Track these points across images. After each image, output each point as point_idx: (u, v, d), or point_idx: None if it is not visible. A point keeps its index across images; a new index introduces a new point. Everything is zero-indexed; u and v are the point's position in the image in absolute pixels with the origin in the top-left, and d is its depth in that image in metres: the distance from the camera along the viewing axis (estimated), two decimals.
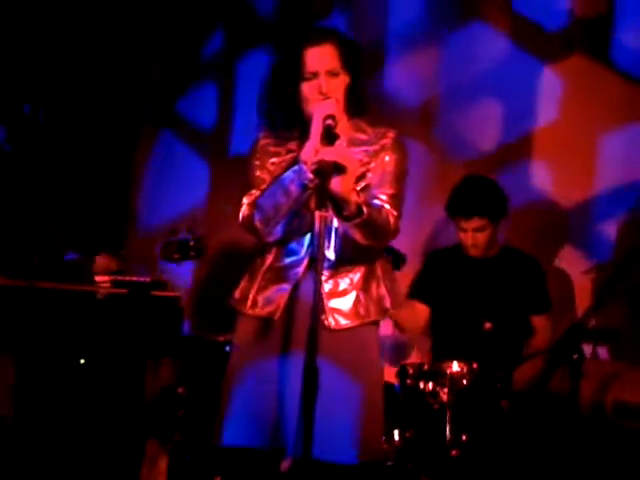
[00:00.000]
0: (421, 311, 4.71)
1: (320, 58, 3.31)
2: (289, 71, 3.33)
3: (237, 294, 3.44)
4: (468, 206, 4.53)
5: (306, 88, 3.31)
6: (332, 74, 3.31)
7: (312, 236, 3.28)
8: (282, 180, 3.25)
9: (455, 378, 4.14)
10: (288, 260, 3.36)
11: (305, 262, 3.33)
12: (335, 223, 3.30)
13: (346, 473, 3.27)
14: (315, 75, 3.30)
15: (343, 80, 3.34)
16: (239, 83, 5.80)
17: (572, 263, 4.90)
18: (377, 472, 3.49)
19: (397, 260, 4.20)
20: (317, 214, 3.14)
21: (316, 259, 3.06)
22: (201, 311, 5.53)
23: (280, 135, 3.41)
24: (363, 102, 3.42)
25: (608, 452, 4.06)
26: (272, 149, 3.41)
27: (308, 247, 3.32)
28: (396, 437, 4.14)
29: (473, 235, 4.56)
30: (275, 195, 3.25)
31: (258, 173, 3.39)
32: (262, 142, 3.43)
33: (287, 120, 3.38)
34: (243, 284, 3.45)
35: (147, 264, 4.63)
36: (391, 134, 3.39)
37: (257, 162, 3.41)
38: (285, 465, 3.31)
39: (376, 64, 5.32)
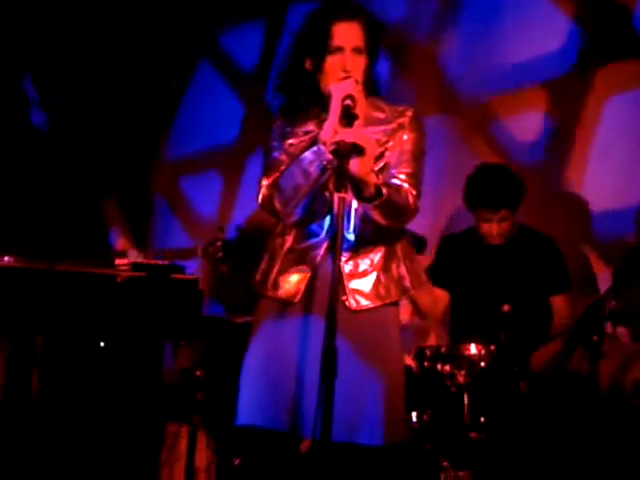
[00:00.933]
0: (441, 297, 4.71)
1: (348, 33, 3.30)
2: (313, 44, 3.32)
3: (258, 276, 3.45)
4: (494, 199, 4.54)
5: (330, 62, 3.30)
6: (357, 51, 3.31)
7: (332, 218, 3.28)
8: (301, 161, 3.24)
9: (473, 360, 4.15)
10: (308, 242, 3.36)
11: (325, 244, 3.33)
12: (354, 204, 3.30)
13: (369, 455, 3.29)
14: (340, 50, 3.30)
15: (365, 60, 3.33)
16: (287, 29, 5.72)
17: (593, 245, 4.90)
18: (400, 454, 3.50)
19: (417, 244, 4.20)
20: (336, 196, 3.13)
21: (337, 245, 3.05)
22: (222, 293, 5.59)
23: (296, 116, 3.40)
24: (380, 82, 3.43)
25: (628, 433, 4.05)
26: (289, 130, 3.40)
27: (328, 229, 3.32)
28: (414, 419, 4.16)
29: (498, 226, 4.57)
30: (294, 176, 3.24)
31: (276, 155, 3.38)
32: (278, 123, 3.42)
33: (304, 98, 3.37)
34: (263, 266, 3.45)
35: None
36: (409, 112, 3.38)
37: (275, 143, 3.40)
38: (305, 446, 3.33)
39: None
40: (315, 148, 3.21)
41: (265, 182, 3.36)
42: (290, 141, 3.38)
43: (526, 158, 5.05)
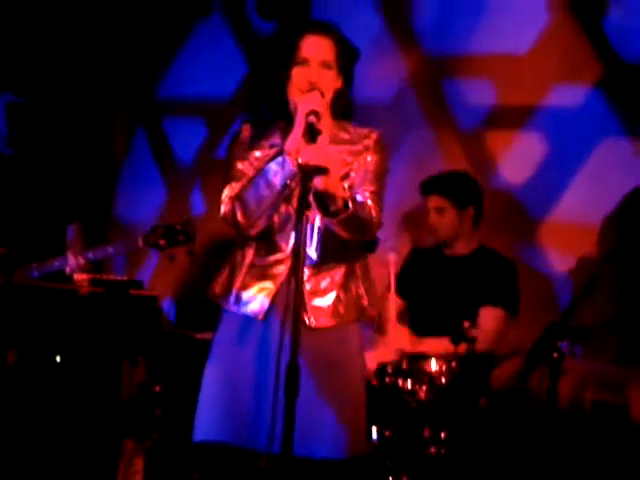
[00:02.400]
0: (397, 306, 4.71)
1: (316, 47, 3.33)
2: (282, 55, 3.34)
3: (217, 289, 3.44)
4: (429, 183, 4.63)
5: (296, 73, 3.32)
6: (325, 66, 3.32)
7: (295, 235, 3.27)
8: (265, 172, 3.23)
9: (434, 376, 4.15)
10: (271, 258, 3.37)
11: (288, 261, 3.32)
12: (317, 222, 3.31)
13: (329, 468, 3.30)
14: (307, 62, 3.32)
15: (334, 76, 3.35)
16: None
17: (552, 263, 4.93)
18: (360, 467, 3.50)
19: (370, 243, 4.20)
20: (299, 213, 3.11)
21: (298, 258, 3.02)
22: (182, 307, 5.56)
23: (263, 127, 3.41)
24: (350, 106, 3.44)
25: (586, 451, 4.08)
26: (256, 141, 3.40)
27: (291, 246, 3.31)
28: (375, 434, 4.15)
29: (433, 216, 4.61)
30: (258, 187, 3.24)
31: (239, 165, 3.38)
32: (244, 134, 3.42)
33: (273, 109, 3.37)
34: (224, 278, 3.45)
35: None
36: (374, 135, 3.42)
37: (238, 153, 3.39)
38: (263, 462, 3.31)
39: None
40: (280, 159, 3.21)
41: (227, 193, 3.33)
42: (256, 154, 3.38)
43: None
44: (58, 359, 4.29)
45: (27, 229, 4.33)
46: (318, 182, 3.07)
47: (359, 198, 3.30)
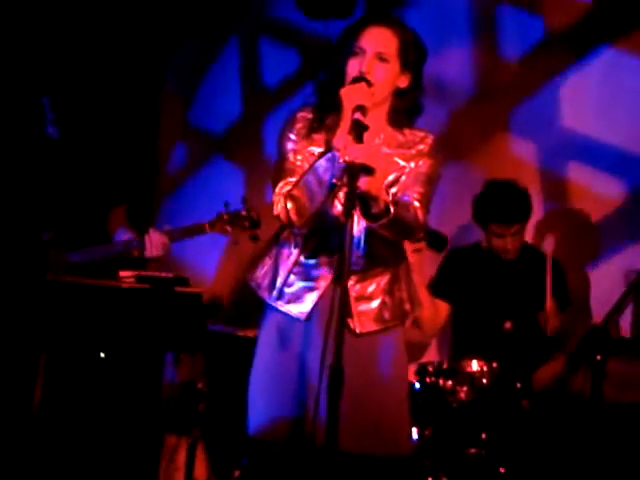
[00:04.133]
0: (441, 309, 4.73)
1: (374, 37, 3.27)
2: (346, 47, 3.29)
3: (260, 279, 3.44)
4: (507, 214, 4.59)
5: (350, 64, 3.27)
6: (381, 58, 3.26)
7: (342, 238, 3.21)
8: (316, 169, 3.19)
9: (475, 377, 4.16)
10: (318, 259, 3.36)
11: (334, 264, 3.32)
12: (364, 225, 3.28)
13: (374, 466, 3.32)
14: (362, 52, 3.26)
15: (392, 71, 3.28)
16: None
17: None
18: (404, 467, 3.51)
19: (439, 242, 4.22)
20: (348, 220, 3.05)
21: (344, 262, 3.00)
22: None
23: (321, 119, 3.33)
24: (416, 110, 3.38)
25: (628, 453, 4.07)
26: (310, 134, 3.34)
27: (338, 249, 3.25)
28: (415, 435, 4.16)
29: (512, 240, 4.59)
30: (310, 185, 3.20)
31: (292, 159, 3.33)
32: (300, 124, 3.36)
33: (332, 101, 3.26)
34: (267, 269, 3.44)
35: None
36: (429, 140, 3.36)
37: (291, 145, 3.35)
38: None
39: None
40: (329, 155, 3.17)
41: (280, 191, 3.29)
42: (311, 149, 3.31)
43: None
44: (102, 355, 4.33)
45: (73, 213, 4.37)
46: (362, 183, 3.03)
47: (405, 199, 3.27)
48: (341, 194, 3.25)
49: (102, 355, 4.33)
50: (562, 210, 5.14)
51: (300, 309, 3.35)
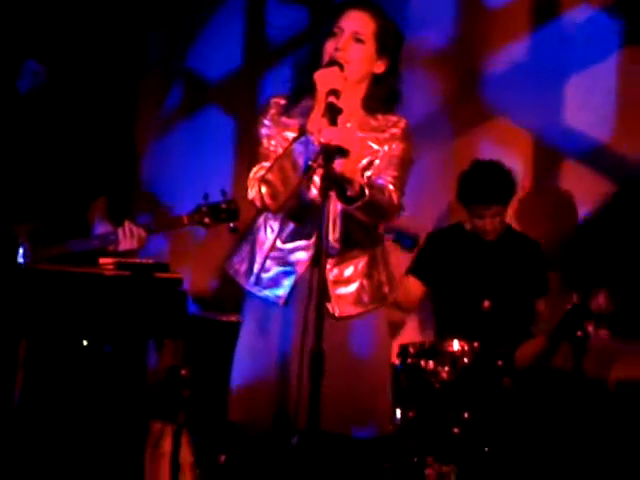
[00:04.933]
0: (415, 288, 4.74)
1: (352, 19, 3.30)
2: (325, 31, 3.31)
3: (237, 265, 3.45)
4: (488, 194, 4.58)
5: (328, 44, 3.29)
6: (357, 39, 3.28)
7: (319, 222, 3.19)
8: (290, 153, 3.21)
9: (456, 356, 4.18)
10: (295, 243, 3.36)
11: (311, 247, 3.32)
12: (340, 208, 3.28)
13: (357, 446, 3.33)
14: (340, 32, 3.28)
15: (368, 53, 3.30)
16: None
17: None
18: (387, 446, 3.53)
19: (410, 242, 4.23)
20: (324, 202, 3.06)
21: (322, 247, 3.01)
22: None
23: (295, 103, 3.35)
24: (393, 96, 3.39)
25: (610, 430, 4.09)
26: (283, 119, 3.35)
27: (315, 233, 3.26)
28: (398, 416, 4.17)
29: (491, 221, 4.60)
30: (284, 169, 3.21)
31: (266, 144, 3.35)
32: (273, 110, 3.37)
33: (307, 83, 3.27)
34: (244, 255, 3.45)
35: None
36: (401, 124, 3.37)
37: (265, 130, 3.36)
38: (295, 440, 3.35)
39: None
40: (303, 139, 3.19)
41: (254, 175, 3.31)
42: (285, 134, 3.32)
43: None
44: (85, 343, 4.33)
45: (54, 205, 4.36)
46: (337, 165, 3.05)
47: (380, 182, 3.29)
48: (316, 177, 3.26)
49: (84, 343, 4.33)
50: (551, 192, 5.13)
51: (278, 293, 3.36)
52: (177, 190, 5.85)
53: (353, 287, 3.37)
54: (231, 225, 3.78)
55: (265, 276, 3.39)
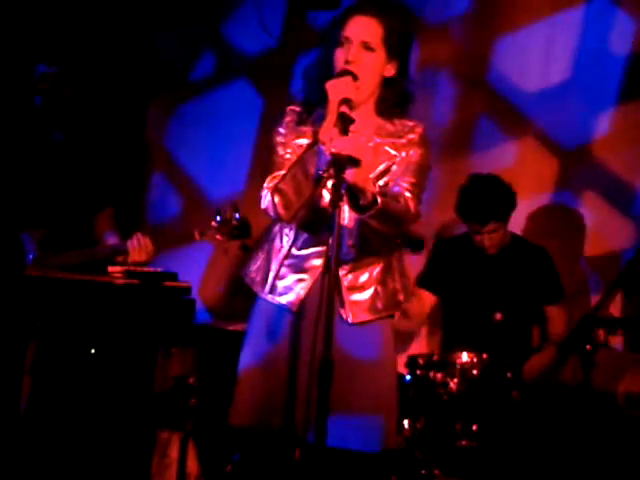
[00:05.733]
0: (427, 300, 4.73)
1: (359, 26, 3.26)
2: (331, 38, 3.29)
3: (253, 274, 3.44)
4: (483, 213, 4.54)
5: (337, 54, 3.27)
6: (367, 47, 3.25)
7: (333, 229, 3.17)
8: (302, 162, 3.21)
9: (465, 368, 4.17)
10: (309, 250, 3.36)
11: (325, 255, 3.28)
12: (354, 216, 3.27)
13: (363, 460, 3.31)
14: (348, 42, 3.25)
15: (379, 60, 3.28)
16: None
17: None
18: (393, 460, 3.51)
19: (416, 245, 4.21)
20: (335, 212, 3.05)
21: (336, 252, 3.00)
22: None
23: (310, 112, 3.34)
24: (405, 98, 3.37)
25: (619, 443, 4.07)
26: (298, 127, 3.35)
27: (329, 240, 3.23)
28: (406, 427, 4.16)
29: (489, 237, 4.58)
30: (296, 178, 3.21)
31: (281, 152, 3.34)
32: (289, 117, 3.37)
33: (319, 93, 3.26)
34: (259, 264, 3.44)
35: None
36: (419, 129, 3.36)
37: (280, 138, 3.36)
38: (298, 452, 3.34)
39: None
40: (315, 148, 3.19)
41: (267, 184, 3.31)
42: (299, 142, 3.32)
43: None
44: (93, 351, 4.32)
45: (64, 213, 4.37)
46: (348, 175, 3.04)
47: (396, 189, 3.28)
48: (329, 185, 3.24)
49: (92, 351, 4.33)
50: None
51: (291, 300, 3.35)
52: (196, 158, 5.88)
53: (367, 294, 3.36)
54: (242, 243, 3.80)
55: (280, 284, 3.38)
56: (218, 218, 3.82)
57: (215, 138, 5.85)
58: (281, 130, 3.37)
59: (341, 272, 3.28)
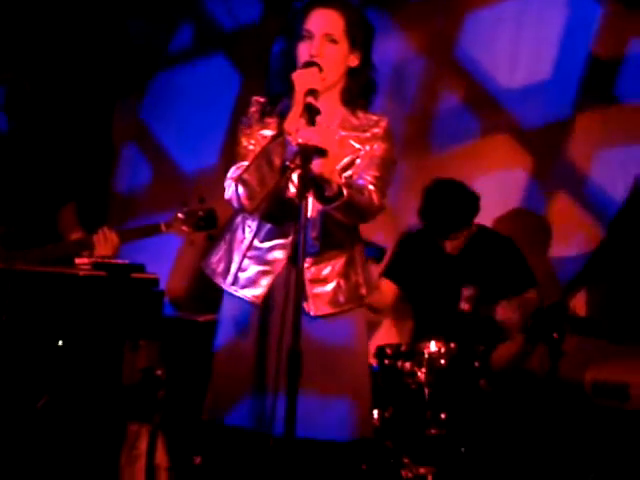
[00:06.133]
0: (389, 290, 4.74)
1: (320, 20, 3.27)
2: (292, 32, 3.29)
3: (214, 265, 3.43)
4: (445, 224, 4.56)
5: (300, 48, 3.28)
6: (330, 39, 3.26)
7: (297, 221, 3.17)
8: (267, 152, 3.20)
9: (433, 358, 4.17)
10: (272, 242, 3.35)
11: (289, 246, 3.32)
12: (318, 209, 3.27)
13: (333, 450, 3.32)
14: (311, 36, 3.26)
15: (342, 52, 3.28)
16: None
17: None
18: (363, 450, 3.52)
19: (377, 254, 4.23)
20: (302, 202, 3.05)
21: (299, 245, 3.00)
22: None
23: (275, 103, 3.34)
24: (366, 92, 3.38)
25: (587, 431, 4.10)
26: (263, 118, 3.34)
27: (292, 232, 3.28)
28: (375, 416, 4.17)
29: (450, 242, 4.62)
30: (260, 168, 3.20)
31: (245, 142, 3.34)
32: (253, 108, 3.37)
33: (283, 86, 3.28)
34: (221, 255, 3.43)
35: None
36: (383, 123, 3.36)
37: (245, 129, 3.35)
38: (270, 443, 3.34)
39: None
40: (280, 139, 3.18)
41: (231, 175, 3.30)
42: (264, 133, 3.32)
43: None
44: (60, 343, 4.30)
45: (25, 209, 4.34)
46: (314, 165, 3.04)
47: (360, 182, 3.28)
48: (294, 177, 3.25)
49: (60, 343, 4.30)
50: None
51: (255, 293, 3.34)
52: (168, 129, 5.85)
53: (330, 287, 3.36)
54: (209, 234, 3.78)
55: (242, 275, 3.37)
56: (184, 209, 3.81)
57: (189, 110, 5.81)
58: (245, 121, 3.36)
59: (304, 265, 3.26)
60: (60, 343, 4.30)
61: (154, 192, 5.83)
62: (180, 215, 3.83)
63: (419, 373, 4.17)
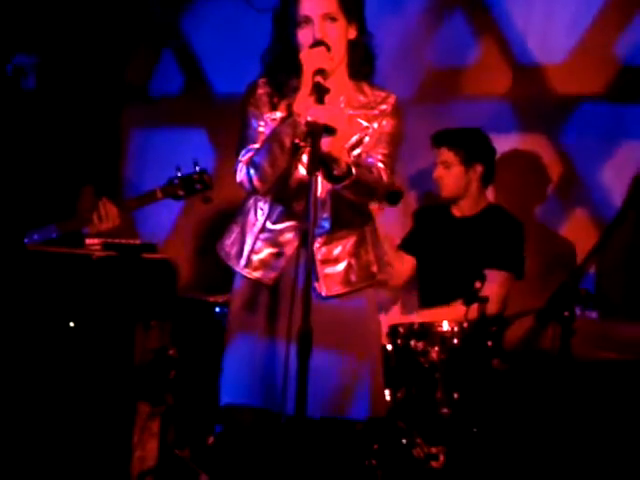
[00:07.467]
0: (406, 262, 4.74)
1: (314, 2, 3.26)
2: (287, 19, 3.29)
3: (228, 247, 3.44)
4: (440, 135, 4.60)
5: (301, 35, 3.27)
6: (328, 18, 3.25)
7: (307, 202, 3.16)
8: (277, 134, 3.20)
9: (446, 337, 4.16)
10: (284, 224, 3.36)
11: (300, 228, 3.32)
12: (329, 188, 3.27)
13: (347, 429, 3.34)
14: (309, 20, 3.25)
15: (342, 28, 3.28)
16: None
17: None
18: (375, 429, 3.52)
19: (393, 196, 4.20)
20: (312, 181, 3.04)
21: (310, 226, 3.00)
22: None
23: (280, 85, 3.34)
24: (368, 60, 3.38)
25: (599, 410, 4.08)
26: (271, 100, 3.34)
27: (303, 213, 3.28)
28: (387, 397, 4.16)
29: (440, 169, 4.60)
30: (271, 151, 3.21)
31: (254, 125, 3.34)
32: (260, 90, 3.36)
33: (288, 69, 3.29)
34: (234, 237, 3.44)
35: None
36: (391, 99, 3.37)
37: (253, 110, 3.34)
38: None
39: None
40: (290, 120, 3.18)
41: (241, 158, 3.30)
42: (274, 116, 3.31)
43: None
44: (72, 324, 4.31)
45: (40, 192, 4.35)
46: (324, 144, 3.04)
47: (369, 160, 3.28)
48: (304, 157, 3.25)
49: (71, 324, 4.32)
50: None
51: (268, 274, 3.35)
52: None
53: (341, 266, 3.36)
54: (205, 195, 3.78)
55: (255, 257, 3.38)
56: (178, 174, 3.80)
57: None
58: (253, 102, 3.35)
59: (315, 245, 3.28)
60: (72, 324, 4.31)
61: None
62: (175, 179, 3.83)
63: (432, 352, 4.15)
